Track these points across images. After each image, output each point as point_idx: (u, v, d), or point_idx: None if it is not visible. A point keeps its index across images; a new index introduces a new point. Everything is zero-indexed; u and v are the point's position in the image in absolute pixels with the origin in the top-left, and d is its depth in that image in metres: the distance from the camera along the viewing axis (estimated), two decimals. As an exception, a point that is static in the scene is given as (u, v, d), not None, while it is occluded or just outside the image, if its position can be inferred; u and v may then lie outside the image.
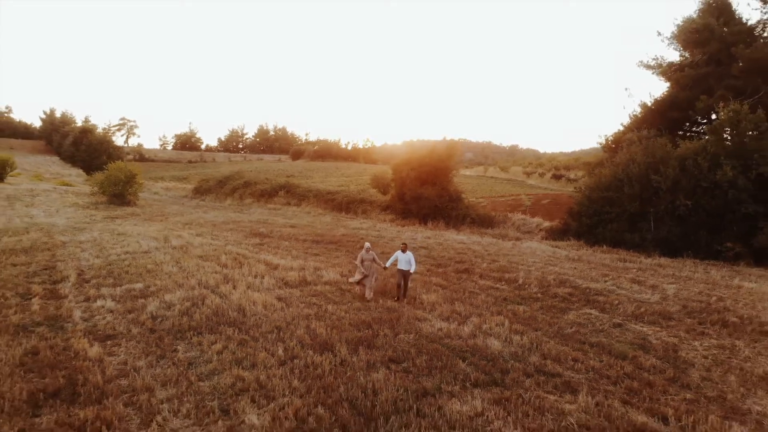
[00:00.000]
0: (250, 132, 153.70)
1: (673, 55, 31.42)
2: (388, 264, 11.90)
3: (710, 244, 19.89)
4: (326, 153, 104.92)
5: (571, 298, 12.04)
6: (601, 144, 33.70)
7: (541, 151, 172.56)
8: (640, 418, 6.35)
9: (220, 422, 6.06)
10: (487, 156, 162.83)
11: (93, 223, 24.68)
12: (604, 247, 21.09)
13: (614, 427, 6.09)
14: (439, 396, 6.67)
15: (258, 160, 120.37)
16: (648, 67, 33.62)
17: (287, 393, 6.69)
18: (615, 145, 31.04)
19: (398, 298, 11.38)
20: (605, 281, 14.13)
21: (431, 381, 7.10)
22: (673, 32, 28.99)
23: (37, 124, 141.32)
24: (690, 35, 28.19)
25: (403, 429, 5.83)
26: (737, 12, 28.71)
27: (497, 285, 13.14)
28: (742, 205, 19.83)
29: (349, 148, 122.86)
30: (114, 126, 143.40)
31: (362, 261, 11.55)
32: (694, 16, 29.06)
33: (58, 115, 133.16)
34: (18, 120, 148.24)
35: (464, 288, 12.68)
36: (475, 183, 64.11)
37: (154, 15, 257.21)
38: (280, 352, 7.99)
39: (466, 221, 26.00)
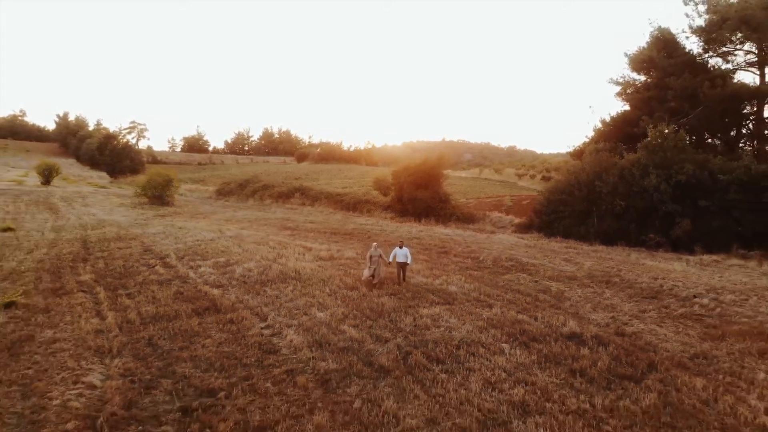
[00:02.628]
0: (255, 134, 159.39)
1: (636, 75, 36.81)
2: (390, 259, 14.93)
3: (638, 235, 25.57)
4: (329, 156, 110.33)
5: (512, 267, 17.77)
6: (569, 152, 39.50)
7: (539, 152, 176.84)
8: (522, 317, 12.04)
9: (303, 317, 11.75)
10: (485, 157, 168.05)
11: (149, 219, 30.34)
12: (558, 238, 26.76)
13: (506, 320, 11.78)
14: (416, 307, 12.39)
15: (264, 162, 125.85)
16: (617, 83, 39.27)
17: (335, 306, 12.41)
18: (580, 153, 36.80)
19: (399, 283, 14.64)
20: (543, 259, 19.84)
21: (413, 302, 12.82)
22: (625, 62, 34.70)
23: (50, 126, 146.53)
24: (639, 64, 33.88)
25: (398, 318, 11.54)
26: (682, 44, 34.39)
27: (464, 260, 18.87)
28: (663, 205, 25.51)
29: (351, 149, 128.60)
30: (125, 129, 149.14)
31: (370, 257, 14.48)
32: (645, 46, 34.74)
33: (71, 118, 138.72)
34: (31, 123, 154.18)
35: (441, 262, 18.41)
36: (469, 185, 69.07)
37: (159, 20, 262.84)
38: (327, 290, 13.72)
39: (452, 218, 31.69)
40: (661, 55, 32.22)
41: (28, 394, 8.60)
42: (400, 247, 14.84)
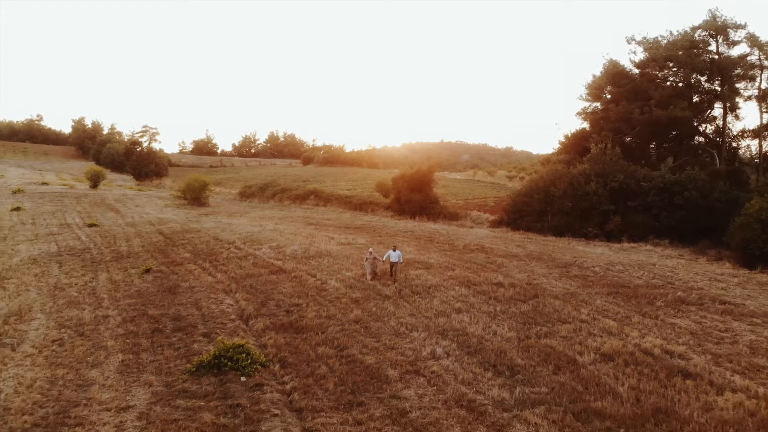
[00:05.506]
0: (261, 138, 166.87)
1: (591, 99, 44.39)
2: (384, 258, 19.34)
3: (581, 228, 33.21)
4: (334, 159, 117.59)
5: (475, 250, 25.42)
6: (539, 160, 47.14)
7: (534, 152, 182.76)
8: (471, 275, 19.70)
9: (338, 275, 19.41)
10: (482, 158, 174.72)
11: (198, 217, 37.90)
12: (521, 231, 34.37)
13: (460, 276, 19.41)
14: (407, 270, 20.05)
15: (271, 165, 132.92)
16: (587, 99, 46.85)
17: (356, 270, 20.07)
18: (548, 162, 44.48)
19: (392, 280, 18.69)
20: (501, 245, 27.47)
21: (405, 268, 20.46)
22: (582, 90, 42.34)
23: (65, 130, 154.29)
24: (593, 90, 41.53)
25: (397, 276, 19.21)
26: (629, 72, 42.01)
27: (443, 246, 26.52)
28: (601, 205, 33.14)
29: (353, 151, 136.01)
30: (137, 133, 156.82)
31: (366, 259, 19.19)
32: (599, 75, 42.37)
33: (87, 123, 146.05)
34: (48, 127, 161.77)
35: (426, 246, 26.06)
36: (462, 186, 75.80)
37: (161, 23, 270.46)
38: (350, 261, 21.40)
39: (440, 216, 39.32)
40: (609, 85, 39.85)
41: (198, 307, 16.26)
42: (394, 250, 19.14)
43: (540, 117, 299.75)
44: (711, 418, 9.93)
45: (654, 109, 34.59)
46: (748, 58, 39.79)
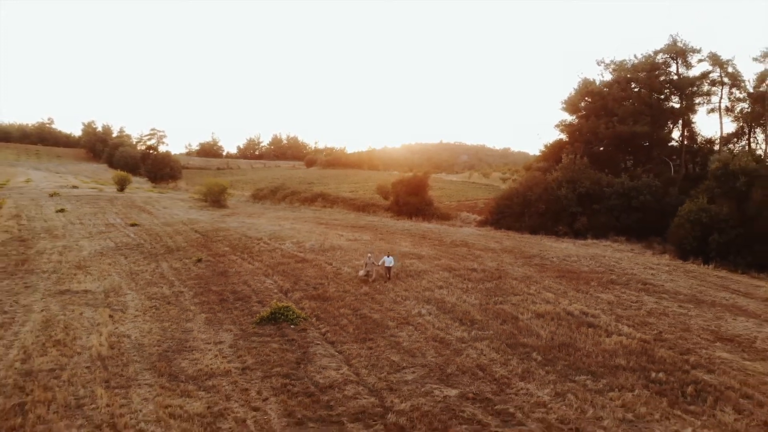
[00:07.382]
0: (265, 140, 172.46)
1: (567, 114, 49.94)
2: (379, 263, 22.74)
3: (553, 227, 38.86)
4: (336, 161, 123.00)
5: (459, 245, 31.04)
6: (523, 166, 52.72)
7: (531, 153, 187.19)
8: (453, 263, 25.35)
9: (349, 263, 25.05)
10: (480, 158, 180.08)
11: (222, 217, 43.47)
12: (503, 230, 39.99)
13: (444, 264, 25.06)
14: (403, 260, 25.69)
15: (276, 167, 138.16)
16: (564, 111, 52.46)
17: (361, 258, 25.71)
18: (530, 167, 50.11)
19: (386, 280, 22.24)
20: (482, 241, 33.09)
21: (401, 258, 26.11)
22: (560, 104, 47.94)
23: (75, 133, 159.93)
24: (569, 106, 47.18)
25: (394, 264, 24.87)
26: (601, 90, 47.63)
27: (434, 241, 32.15)
28: (570, 208, 38.79)
29: (355, 153, 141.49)
30: (145, 136, 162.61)
31: (365, 263, 23.03)
32: (573, 92, 48.01)
33: (97, 126, 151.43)
34: (59, 130, 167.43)
35: (420, 242, 31.70)
36: (457, 188, 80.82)
37: (164, 27, 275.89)
38: (358, 253, 27.03)
39: (434, 217, 44.95)
40: (582, 101, 45.49)
41: (248, 285, 21.86)
42: (388, 256, 23.05)
43: (538, 118, 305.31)
44: (596, 348, 15.56)
45: (616, 125, 40.23)
46: (711, 75, 45.54)
